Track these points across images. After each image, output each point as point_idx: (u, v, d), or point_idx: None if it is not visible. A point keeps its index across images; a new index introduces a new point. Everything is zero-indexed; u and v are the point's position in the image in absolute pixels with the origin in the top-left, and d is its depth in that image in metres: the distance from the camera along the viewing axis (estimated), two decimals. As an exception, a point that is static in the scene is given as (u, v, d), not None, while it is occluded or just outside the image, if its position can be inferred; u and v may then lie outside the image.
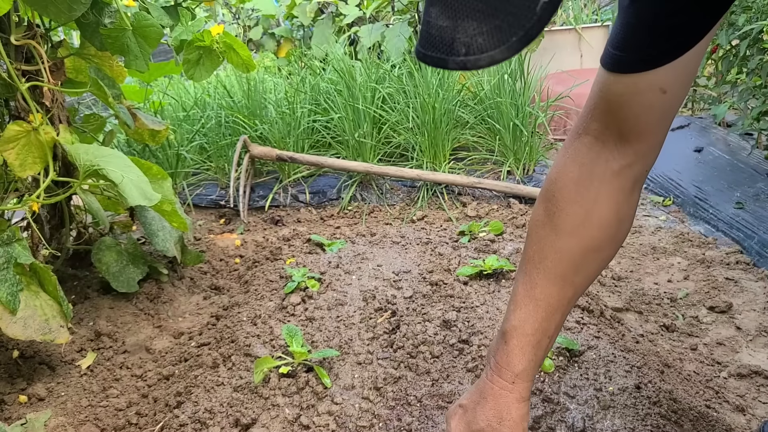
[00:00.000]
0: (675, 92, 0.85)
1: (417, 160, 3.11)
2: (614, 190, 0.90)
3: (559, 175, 0.94)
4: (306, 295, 1.75)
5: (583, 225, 0.91)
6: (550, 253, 0.93)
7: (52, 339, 1.55)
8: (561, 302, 0.94)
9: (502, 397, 0.94)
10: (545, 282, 0.93)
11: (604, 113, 0.89)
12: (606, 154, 0.90)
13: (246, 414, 1.27)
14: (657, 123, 0.88)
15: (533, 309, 0.93)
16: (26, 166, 1.72)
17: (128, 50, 1.74)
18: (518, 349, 0.94)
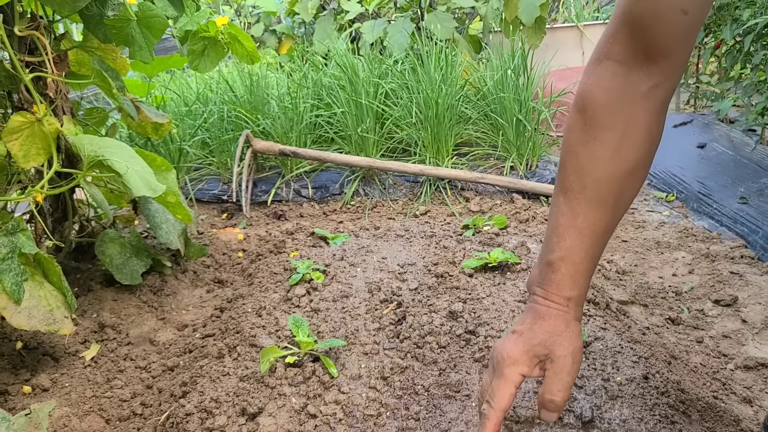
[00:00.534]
0: (695, 13, 0.86)
1: (420, 156, 3.11)
2: (645, 112, 0.91)
3: (588, 98, 0.94)
4: (311, 287, 1.74)
5: (618, 150, 0.92)
6: (589, 182, 0.93)
7: (57, 330, 1.54)
8: (604, 228, 0.95)
9: (560, 315, 0.95)
10: (587, 210, 0.94)
11: (627, 36, 0.90)
12: (633, 77, 0.90)
13: (252, 403, 1.26)
14: (681, 42, 0.89)
15: (579, 238, 0.94)
16: (30, 157, 1.72)
17: (133, 41, 1.73)
18: (568, 277, 0.95)
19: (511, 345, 0.96)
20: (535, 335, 0.95)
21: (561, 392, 0.93)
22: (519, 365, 0.95)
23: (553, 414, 0.96)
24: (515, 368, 0.94)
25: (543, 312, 0.96)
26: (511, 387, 0.94)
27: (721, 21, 2.91)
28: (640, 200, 2.89)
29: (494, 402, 0.95)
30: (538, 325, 0.95)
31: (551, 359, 0.94)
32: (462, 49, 3.78)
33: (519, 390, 0.99)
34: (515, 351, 0.95)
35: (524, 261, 1.86)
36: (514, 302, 1.61)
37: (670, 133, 3.52)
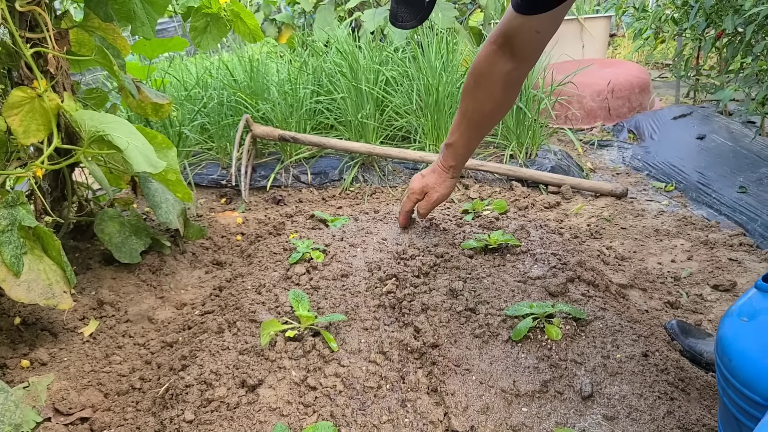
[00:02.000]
0: (545, 33, 1.46)
1: (420, 143, 3.10)
2: (504, 81, 1.57)
3: (479, 64, 1.58)
4: (311, 266, 1.74)
5: (490, 96, 1.62)
6: (470, 110, 1.67)
7: (55, 304, 1.54)
8: (473, 135, 1.75)
9: (443, 174, 1.83)
10: (468, 123, 1.70)
11: (504, 37, 1.50)
12: (503, 59, 1.53)
13: (252, 375, 1.26)
14: (532, 51, 1.52)
15: (460, 134, 1.74)
16: (30, 132, 1.71)
17: (135, 16, 1.72)
18: (450, 155, 1.79)
19: (415, 182, 1.88)
20: (428, 179, 1.85)
21: (425, 209, 1.88)
22: (416, 193, 1.88)
23: (420, 218, 1.99)
24: (414, 195, 1.88)
25: (436, 170, 1.83)
26: (411, 203, 1.91)
27: (722, 11, 2.91)
28: (639, 190, 2.89)
29: (402, 208, 1.95)
30: (430, 176, 1.85)
31: (429, 193, 1.85)
32: (462, 39, 3.77)
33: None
34: (416, 185, 1.87)
35: (524, 244, 1.86)
36: (514, 282, 1.61)
37: (669, 124, 3.53)
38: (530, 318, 1.39)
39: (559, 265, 1.71)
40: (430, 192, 1.83)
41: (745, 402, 0.89)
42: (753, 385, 0.87)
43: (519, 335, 1.36)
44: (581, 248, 2.15)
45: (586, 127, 3.90)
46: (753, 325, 0.91)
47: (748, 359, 0.89)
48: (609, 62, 4.31)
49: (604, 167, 3.29)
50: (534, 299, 1.53)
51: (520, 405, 1.19)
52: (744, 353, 0.90)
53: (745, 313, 0.94)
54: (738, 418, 0.92)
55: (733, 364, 0.91)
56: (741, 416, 0.91)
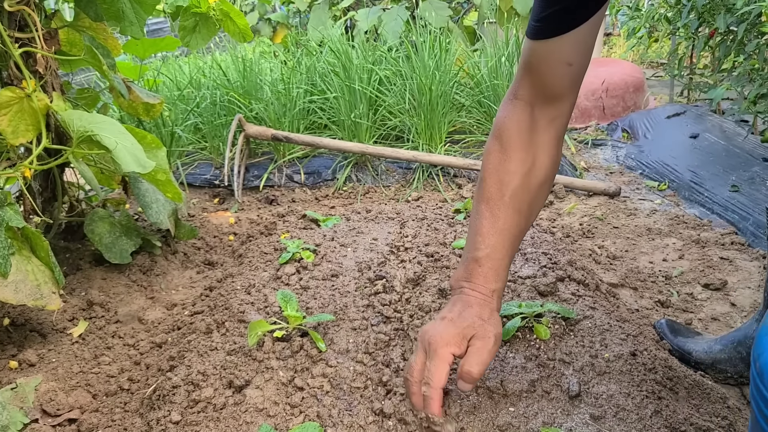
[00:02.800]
0: (579, 64, 1.11)
1: (413, 142, 3.10)
2: (548, 139, 1.16)
3: (503, 128, 1.17)
4: (301, 266, 1.74)
5: (531, 168, 1.16)
6: (507, 192, 1.15)
7: (44, 305, 1.53)
8: (519, 230, 1.18)
9: (485, 304, 1.13)
10: (506, 215, 1.15)
11: (529, 82, 1.15)
12: (536, 113, 1.15)
13: (240, 376, 1.26)
14: (570, 87, 1.14)
15: (500, 238, 1.15)
16: (19, 133, 1.70)
17: (124, 16, 1.72)
18: (492, 271, 1.14)
19: (442, 329, 1.10)
20: (464, 319, 1.10)
21: (478, 366, 1.07)
22: (451, 346, 1.07)
23: (468, 385, 1.09)
24: (447, 348, 1.07)
25: (471, 301, 1.13)
26: (446, 366, 1.07)
27: (715, 10, 2.91)
28: (632, 189, 2.89)
29: (433, 381, 1.07)
30: (467, 312, 1.11)
31: (476, 338, 1.08)
32: (456, 38, 3.77)
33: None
34: (447, 334, 1.08)
35: (515, 243, 1.86)
36: (503, 282, 1.61)
37: (662, 123, 3.53)
38: (519, 317, 1.39)
39: (549, 265, 1.71)
40: (478, 333, 1.09)
41: None
42: None
43: (507, 335, 1.36)
44: (573, 247, 2.15)
45: (581, 126, 3.91)
46: None
47: None
48: (603, 61, 4.31)
49: (597, 166, 3.29)
50: (524, 299, 1.53)
51: (507, 405, 1.19)
52: None
53: None
54: None
55: None
56: None
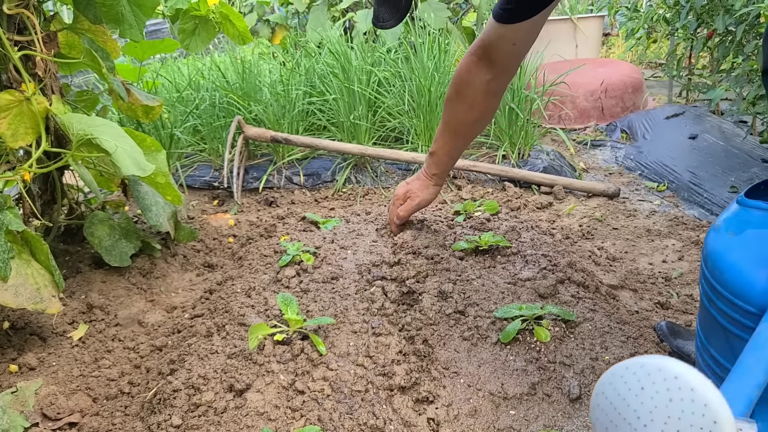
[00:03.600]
0: (521, 45, 1.51)
1: (412, 143, 3.10)
2: (484, 91, 1.62)
3: (460, 74, 1.63)
4: (301, 269, 1.74)
5: (469, 109, 1.67)
6: (452, 121, 1.72)
7: (44, 308, 1.53)
8: (456, 145, 1.81)
9: (426, 181, 1.88)
10: (449, 135, 1.77)
11: (484, 48, 1.55)
12: (483, 70, 1.58)
13: (240, 380, 1.26)
14: (510, 62, 1.57)
15: (443, 144, 1.79)
16: (18, 136, 1.70)
17: (123, 19, 1.72)
18: (434, 163, 1.84)
19: (400, 189, 1.92)
20: (411, 186, 1.90)
21: (405, 211, 1.92)
22: (400, 198, 1.92)
23: (396, 223, 1.97)
24: (398, 200, 1.92)
25: (420, 177, 1.89)
26: (395, 209, 1.93)
27: (713, 11, 2.91)
28: (632, 190, 2.89)
29: (389, 216, 1.99)
30: (414, 182, 1.91)
31: (413, 197, 1.89)
32: (455, 39, 3.77)
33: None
34: (400, 191, 1.92)
35: (515, 245, 1.86)
36: (504, 284, 1.61)
37: (662, 124, 3.53)
38: (519, 320, 1.39)
39: (549, 267, 1.71)
40: (412, 197, 1.88)
41: (736, 312, 0.94)
42: (745, 296, 0.92)
43: (508, 337, 1.36)
44: (572, 249, 2.15)
45: (580, 127, 3.91)
46: (741, 239, 0.97)
47: (739, 271, 0.94)
48: (602, 62, 4.32)
49: (597, 167, 3.29)
50: (524, 301, 1.53)
51: (508, 408, 1.19)
52: (735, 266, 0.95)
53: (732, 228, 1.00)
54: (727, 327, 0.97)
55: (724, 276, 0.96)
56: (731, 325, 0.96)
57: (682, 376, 0.69)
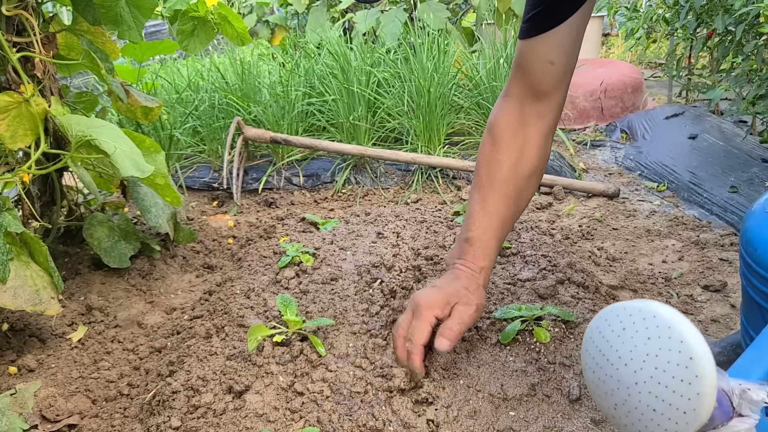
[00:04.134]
0: (561, 63, 1.23)
1: (412, 144, 3.10)
2: (536, 135, 1.28)
3: (495, 122, 1.30)
4: (300, 270, 1.74)
5: (518, 160, 1.28)
6: (495, 179, 1.29)
7: (43, 310, 1.53)
8: (508, 214, 1.30)
9: (473, 278, 1.26)
10: (495, 200, 1.29)
11: (519, 80, 1.27)
12: (525, 110, 1.27)
13: (239, 381, 1.26)
14: (556, 86, 1.26)
15: (488, 220, 1.28)
16: (17, 137, 1.70)
17: (121, 20, 1.72)
18: (481, 250, 1.28)
19: (430, 294, 1.24)
20: (451, 287, 1.24)
21: (459, 326, 1.19)
22: (435, 309, 1.20)
23: (446, 341, 1.18)
24: (431, 311, 1.20)
25: (460, 275, 1.27)
26: (428, 325, 1.20)
27: (713, 11, 2.91)
28: (631, 190, 2.89)
29: (415, 338, 1.19)
30: (454, 283, 1.25)
31: (459, 304, 1.21)
32: (455, 40, 3.77)
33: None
34: (433, 298, 1.22)
35: (515, 245, 1.86)
36: (503, 284, 1.61)
37: (661, 124, 3.53)
38: (519, 321, 1.39)
39: (549, 267, 1.71)
40: (461, 300, 1.22)
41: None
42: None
43: (507, 338, 1.36)
44: (572, 249, 2.15)
45: (579, 127, 3.91)
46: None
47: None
48: (602, 62, 4.32)
49: (596, 167, 3.29)
50: (523, 301, 1.53)
51: (507, 409, 1.19)
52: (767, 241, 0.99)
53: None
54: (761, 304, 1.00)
55: (758, 252, 1.00)
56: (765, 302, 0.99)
57: (660, 314, 0.71)
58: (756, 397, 0.69)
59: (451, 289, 1.23)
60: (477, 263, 1.27)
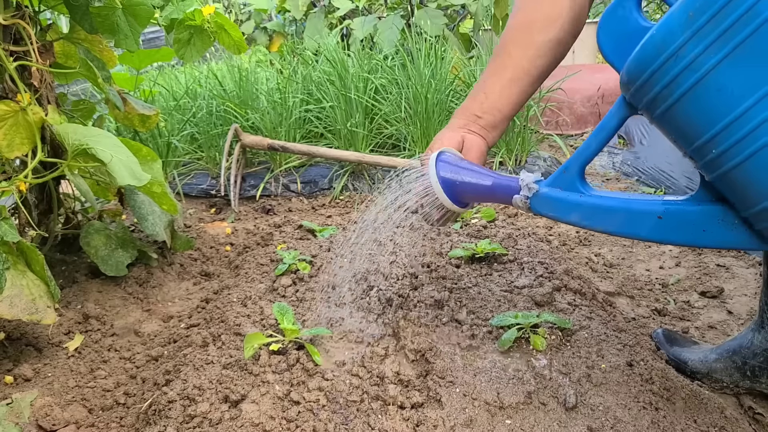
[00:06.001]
0: None
1: (409, 151, 3.10)
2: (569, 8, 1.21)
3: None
4: (297, 278, 1.74)
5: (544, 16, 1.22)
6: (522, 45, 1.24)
7: (39, 319, 1.53)
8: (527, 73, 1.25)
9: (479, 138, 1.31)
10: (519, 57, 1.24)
11: None
12: None
13: (236, 390, 1.25)
14: None
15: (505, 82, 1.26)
16: (14, 146, 1.70)
17: (118, 29, 1.72)
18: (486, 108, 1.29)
19: (444, 132, 1.33)
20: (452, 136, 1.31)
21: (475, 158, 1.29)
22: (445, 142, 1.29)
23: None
24: (441, 143, 1.30)
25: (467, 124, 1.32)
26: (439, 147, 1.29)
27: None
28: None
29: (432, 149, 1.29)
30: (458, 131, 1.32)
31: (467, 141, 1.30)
32: (452, 46, 3.78)
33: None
34: (446, 136, 1.31)
35: (512, 252, 1.86)
36: (500, 292, 1.61)
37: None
38: (515, 328, 1.39)
39: (545, 274, 1.71)
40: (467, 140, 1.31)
41: None
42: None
43: (504, 346, 1.36)
44: (569, 256, 2.15)
45: (577, 133, 3.91)
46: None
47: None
48: (599, 67, 4.33)
49: (594, 173, 3.29)
50: (520, 309, 1.53)
51: (503, 417, 1.19)
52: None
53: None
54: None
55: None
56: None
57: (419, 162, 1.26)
58: (531, 186, 1.12)
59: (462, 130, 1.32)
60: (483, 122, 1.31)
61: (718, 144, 0.83)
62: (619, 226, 1.01)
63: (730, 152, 0.83)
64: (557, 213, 1.10)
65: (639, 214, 0.99)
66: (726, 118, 0.81)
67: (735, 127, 0.81)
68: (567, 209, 1.07)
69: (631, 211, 0.99)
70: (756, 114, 0.79)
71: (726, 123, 0.81)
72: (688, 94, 0.84)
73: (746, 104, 0.79)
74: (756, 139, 0.79)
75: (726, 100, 0.80)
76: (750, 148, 0.80)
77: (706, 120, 0.83)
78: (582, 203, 1.05)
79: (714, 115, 0.82)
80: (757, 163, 0.81)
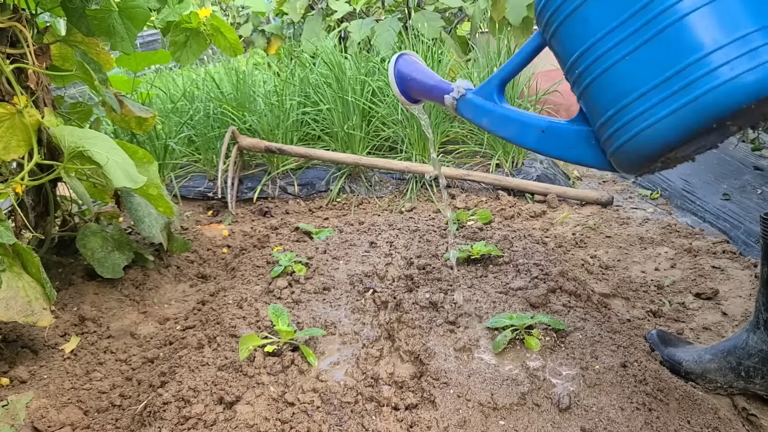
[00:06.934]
0: None
1: (406, 153, 3.11)
2: None
3: None
4: (293, 279, 1.74)
5: None
6: None
7: (35, 321, 1.53)
8: None
9: None
10: None
11: None
12: None
13: (230, 392, 1.26)
14: None
15: None
16: (10, 149, 1.71)
17: (114, 32, 1.72)
18: None
19: None
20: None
21: None
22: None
23: None
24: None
25: None
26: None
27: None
28: (625, 198, 2.90)
29: None
30: None
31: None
32: (449, 49, 3.79)
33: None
34: None
35: (507, 254, 1.86)
36: (495, 293, 1.62)
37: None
38: (510, 330, 1.40)
39: (541, 276, 1.71)
40: None
41: None
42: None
43: (498, 347, 1.36)
44: (565, 258, 2.16)
45: (574, 135, 3.92)
46: None
47: None
48: (595, 70, 4.33)
49: (591, 175, 3.30)
50: (515, 310, 1.53)
51: (497, 418, 1.19)
52: None
53: None
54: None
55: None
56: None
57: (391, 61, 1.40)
58: (461, 90, 1.25)
59: None
60: None
61: (579, 65, 1.00)
62: (513, 135, 1.20)
63: (586, 72, 0.99)
64: (474, 116, 1.26)
65: (528, 127, 1.17)
66: (585, 44, 0.97)
67: (590, 52, 0.97)
68: (481, 114, 1.25)
69: (523, 123, 1.18)
70: (604, 44, 0.95)
71: (585, 48, 0.97)
72: (565, 22, 1.00)
73: (599, 34, 0.95)
74: (602, 63, 0.96)
75: (587, 30, 0.97)
76: (597, 70, 0.97)
77: (573, 44, 1.00)
78: (492, 111, 1.23)
79: (579, 40, 0.99)
80: (601, 83, 0.98)
